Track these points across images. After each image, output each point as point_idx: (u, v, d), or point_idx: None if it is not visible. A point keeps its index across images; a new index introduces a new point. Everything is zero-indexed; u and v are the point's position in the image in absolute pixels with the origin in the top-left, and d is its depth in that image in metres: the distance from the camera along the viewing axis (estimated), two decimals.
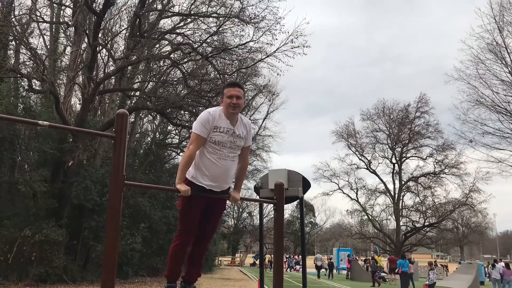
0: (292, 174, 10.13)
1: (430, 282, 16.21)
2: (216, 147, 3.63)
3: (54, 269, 16.77)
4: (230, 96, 3.66)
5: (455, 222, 51.39)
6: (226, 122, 3.68)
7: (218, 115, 3.68)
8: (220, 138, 3.63)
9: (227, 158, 3.66)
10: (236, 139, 3.72)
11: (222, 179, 3.69)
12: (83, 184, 18.19)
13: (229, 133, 3.67)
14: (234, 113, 3.71)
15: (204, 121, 3.63)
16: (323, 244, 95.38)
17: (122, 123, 3.13)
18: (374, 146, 49.89)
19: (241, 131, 3.78)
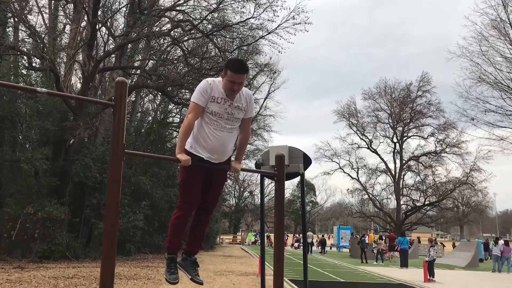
0: (293, 151, 10.11)
1: (430, 258, 16.31)
2: (213, 118, 3.59)
3: (57, 246, 16.92)
4: (233, 82, 3.56)
5: (455, 201, 51.62)
6: (223, 93, 3.62)
7: (216, 85, 3.61)
8: (217, 109, 3.58)
9: (224, 130, 3.64)
10: (234, 110, 3.66)
11: (220, 151, 3.67)
12: (84, 162, 18.21)
13: (226, 103, 3.61)
14: (233, 96, 3.65)
15: (203, 90, 3.57)
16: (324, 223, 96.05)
17: (121, 91, 3.10)
18: (376, 125, 49.91)
19: (241, 103, 3.70)
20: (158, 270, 15.60)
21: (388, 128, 49.76)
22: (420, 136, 49.11)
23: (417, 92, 48.17)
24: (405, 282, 15.30)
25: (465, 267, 23.48)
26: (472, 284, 15.54)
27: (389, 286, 14.18)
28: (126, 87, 3.13)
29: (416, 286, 14.34)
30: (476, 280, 17.08)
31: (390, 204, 55.14)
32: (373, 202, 51.04)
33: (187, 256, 3.98)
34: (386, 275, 17.62)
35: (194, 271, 3.92)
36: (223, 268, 17.74)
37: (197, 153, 3.63)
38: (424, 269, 16.29)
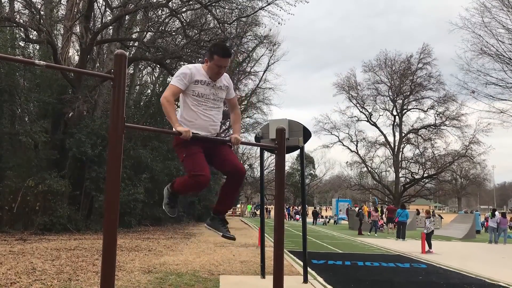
0: (293, 124, 10.08)
1: (427, 230, 16.50)
2: (201, 99, 3.74)
3: (58, 218, 17.08)
4: (220, 66, 3.75)
5: (453, 173, 51.89)
6: (206, 76, 3.78)
7: (197, 70, 3.78)
8: (202, 91, 3.74)
9: (212, 109, 3.81)
10: (218, 91, 3.84)
11: (211, 128, 3.82)
12: (82, 134, 18.19)
13: (210, 85, 3.78)
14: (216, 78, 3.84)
15: (182, 74, 3.73)
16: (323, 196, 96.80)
17: (120, 63, 3.06)
18: (375, 98, 49.75)
19: (222, 83, 3.89)
20: (159, 242, 15.79)
21: (388, 101, 49.66)
22: (420, 109, 49.07)
23: (418, 64, 47.88)
24: (403, 253, 15.51)
25: (462, 239, 23.79)
26: (469, 255, 15.77)
27: (387, 257, 14.37)
28: (125, 59, 3.09)
29: (414, 257, 14.54)
30: (472, 251, 17.32)
31: (388, 177, 55.51)
32: (371, 174, 51.30)
33: (216, 215, 4.00)
34: (384, 247, 17.85)
35: (225, 228, 3.95)
36: (223, 240, 17.92)
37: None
38: (422, 241, 16.50)
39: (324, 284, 9.03)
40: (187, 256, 12.04)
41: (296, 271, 10.45)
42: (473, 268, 12.04)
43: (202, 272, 9.60)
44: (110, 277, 2.86)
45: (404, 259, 14.02)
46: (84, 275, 8.56)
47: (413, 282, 9.56)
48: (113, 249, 2.91)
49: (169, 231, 21.29)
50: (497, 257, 15.63)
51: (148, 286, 7.89)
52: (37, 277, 8.06)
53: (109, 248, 2.88)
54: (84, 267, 9.41)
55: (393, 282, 9.56)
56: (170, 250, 13.31)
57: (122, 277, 8.61)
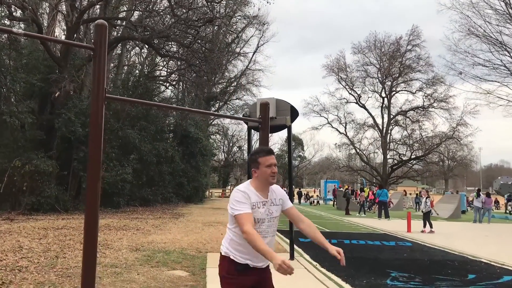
0: (280, 103, 10.09)
1: (426, 209, 16.73)
2: (255, 226, 3.11)
3: (46, 198, 17.02)
4: (270, 165, 3.19)
5: (441, 155, 52.39)
6: (259, 197, 3.19)
7: (251, 191, 3.18)
8: (259, 215, 3.14)
9: (268, 235, 3.19)
10: (273, 209, 3.26)
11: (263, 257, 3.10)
12: (67, 116, 18.03)
13: (265, 205, 3.20)
14: (274, 182, 3.26)
15: (241, 198, 3.11)
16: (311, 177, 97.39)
17: (101, 34, 3.02)
18: (364, 80, 49.81)
19: (274, 197, 3.29)
20: (147, 221, 15.83)
21: (376, 83, 49.76)
22: (409, 91, 49.27)
23: (407, 46, 47.89)
24: (389, 232, 15.73)
25: (448, 218, 24.17)
26: (454, 234, 16.04)
27: (373, 235, 14.58)
28: (106, 30, 3.05)
29: (399, 236, 14.76)
30: (457, 230, 17.62)
31: (377, 159, 55.92)
32: (360, 156, 51.64)
33: None
34: (370, 226, 18.08)
35: None
36: (212, 219, 18.04)
37: (240, 261, 3.15)
38: (408, 220, 16.73)
39: (310, 260, 9.16)
40: (175, 235, 12.10)
41: (283, 248, 10.58)
42: (457, 246, 12.28)
43: (190, 250, 9.68)
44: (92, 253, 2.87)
45: (389, 237, 14.23)
46: (71, 253, 8.59)
47: (398, 259, 9.73)
48: (95, 214, 2.93)
49: (157, 211, 21.33)
50: (481, 235, 15.93)
51: (135, 263, 7.94)
52: (23, 255, 8.07)
53: (91, 219, 2.89)
54: (72, 245, 9.43)
55: (378, 259, 9.72)
56: (158, 229, 13.36)
57: (109, 254, 8.65)
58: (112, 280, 6.66)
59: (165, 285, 6.50)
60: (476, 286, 7.17)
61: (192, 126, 31.31)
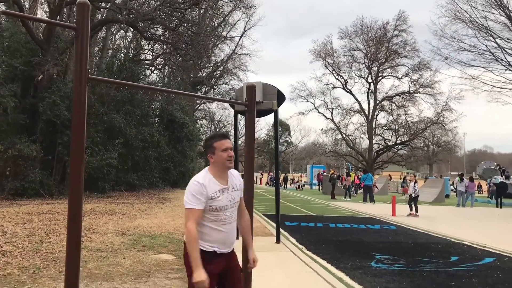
0: (267, 87, 10.05)
1: (415, 194, 16.92)
2: (219, 213, 3.09)
3: (30, 183, 16.84)
4: (225, 149, 3.12)
5: (426, 140, 52.87)
6: (218, 184, 3.13)
7: (208, 180, 3.11)
8: (220, 203, 3.09)
9: (231, 220, 3.17)
10: (234, 194, 3.20)
11: (231, 241, 3.19)
12: (52, 99, 17.77)
13: (225, 192, 3.14)
14: (231, 167, 3.19)
15: (197, 192, 3.03)
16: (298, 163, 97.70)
17: (83, 13, 2.95)
18: (351, 65, 49.83)
19: (234, 183, 3.25)
20: (133, 206, 15.78)
21: (363, 68, 49.82)
22: (395, 76, 49.46)
23: (394, 31, 47.94)
24: (373, 216, 15.91)
25: (432, 202, 24.51)
26: (438, 217, 16.29)
27: (358, 219, 14.73)
28: (88, 9, 2.98)
29: (384, 219, 14.94)
30: (440, 214, 17.89)
31: (362, 144, 56.30)
32: (346, 141, 51.91)
33: None
34: (355, 210, 18.26)
35: None
36: None
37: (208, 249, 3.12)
38: (393, 204, 16.93)
39: (296, 244, 9.23)
40: (161, 220, 12.09)
41: (270, 232, 10.64)
42: (440, 229, 12.47)
43: (176, 234, 9.69)
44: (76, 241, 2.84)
45: (374, 221, 14.40)
46: (56, 238, 8.53)
47: (382, 242, 9.85)
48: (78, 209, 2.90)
49: (144, 196, 21.26)
50: (464, 219, 16.20)
51: (121, 247, 7.92)
52: (7, 240, 8.00)
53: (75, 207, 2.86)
54: (57, 230, 9.36)
55: (363, 242, 9.83)
56: (144, 214, 13.33)
57: (95, 239, 8.62)
58: (98, 264, 6.64)
59: (151, 269, 6.50)
60: (458, 268, 7.30)
61: (178, 111, 31.10)
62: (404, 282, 6.21)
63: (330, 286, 5.90)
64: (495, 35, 24.64)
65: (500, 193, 23.36)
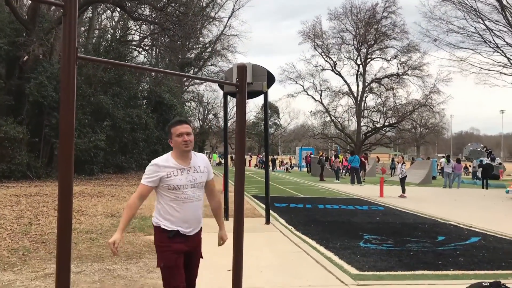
0: (257, 68, 10.00)
1: (402, 175, 17.10)
2: (177, 192, 3.27)
3: (17, 165, 16.69)
4: (180, 134, 3.30)
5: (413, 122, 53.22)
6: (176, 164, 3.31)
7: (165, 160, 3.32)
8: (177, 182, 3.27)
9: (194, 200, 3.33)
10: (196, 175, 3.37)
11: (194, 221, 3.34)
12: (38, 80, 17.51)
13: (184, 172, 3.32)
14: (188, 150, 3.35)
15: (151, 172, 3.27)
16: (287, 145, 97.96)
17: None
18: (340, 47, 49.67)
19: (198, 165, 3.41)
20: (122, 188, 15.73)
21: (352, 50, 49.71)
22: (383, 58, 49.47)
23: (383, 13, 47.77)
24: (361, 197, 16.06)
25: (419, 184, 24.79)
26: (425, 198, 16.49)
27: (346, 200, 14.86)
28: None
29: (372, 200, 15.09)
30: (428, 195, 18.11)
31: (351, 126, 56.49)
32: (334, 124, 52.06)
33: None
34: (344, 191, 18.41)
35: None
36: None
37: (171, 228, 3.28)
38: (381, 185, 17.09)
39: (285, 224, 9.30)
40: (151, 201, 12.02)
41: (259, 213, 10.70)
42: (428, 209, 12.63)
43: None
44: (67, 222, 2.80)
45: (362, 202, 14.54)
46: (45, 220, 8.49)
47: (370, 223, 9.96)
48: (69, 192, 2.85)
49: (132, 178, 21.19)
50: (450, 199, 16.42)
51: (111, 229, 7.92)
52: None
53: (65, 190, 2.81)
54: (45, 212, 9.32)
55: (351, 222, 9.93)
56: None
57: (84, 220, 8.60)
58: (88, 246, 6.64)
59: (142, 250, 6.52)
60: (445, 247, 7.42)
61: (166, 92, 30.85)
62: (392, 261, 6.30)
63: (319, 266, 5.97)
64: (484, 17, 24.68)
65: (486, 174, 23.69)
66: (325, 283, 5.20)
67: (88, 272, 5.27)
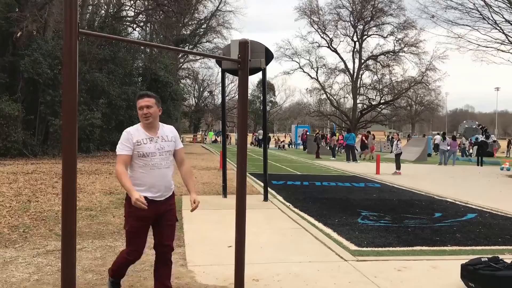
0: (255, 45, 9.88)
1: (398, 151, 17.19)
2: (146, 159, 3.53)
3: (12, 143, 16.61)
4: (140, 107, 3.56)
5: (409, 99, 53.23)
6: (145, 134, 3.59)
7: (136, 130, 3.61)
8: (147, 149, 3.53)
9: (161, 167, 3.57)
10: (164, 144, 3.63)
11: (162, 187, 3.58)
12: (33, 57, 17.29)
13: (153, 141, 3.59)
14: (148, 123, 3.58)
15: (124, 140, 3.55)
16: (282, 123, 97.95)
17: None
18: (337, 23, 49.24)
19: (166, 135, 3.68)
20: None
21: (349, 27, 49.30)
22: (380, 35, 49.12)
23: None
24: (358, 174, 16.15)
25: (415, 161, 24.92)
26: (421, 175, 16.60)
27: (343, 177, 14.94)
28: None
29: (368, 177, 15.18)
30: (424, 172, 18.23)
31: (346, 103, 56.48)
32: (330, 101, 51.99)
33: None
34: (340, 169, 18.50)
35: None
36: None
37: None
38: (377, 163, 17.17)
39: (283, 201, 9.36)
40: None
41: (257, 191, 10.74)
42: (424, 186, 12.73)
43: None
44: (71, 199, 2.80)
45: (359, 179, 14.63)
46: (43, 197, 8.50)
47: (367, 200, 10.04)
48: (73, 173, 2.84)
49: None
50: (446, 177, 16.54)
51: (110, 206, 7.94)
52: None
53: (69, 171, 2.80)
54: (44, 190, 9.31)
55: (348, 199, 10.01)
56: None
57: (83, 198, 8.61)
58: (88, 223, 6.67)
59: None
60: (442, 224, 7.50)
61: (162, 69, 30.55)
62: (390, 237, 6.37)
63: (319, 242, 6.03)
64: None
65: (481, 151, 23.83)
66: (325, 259, 5.26)
67: (90, 249, 5.30)
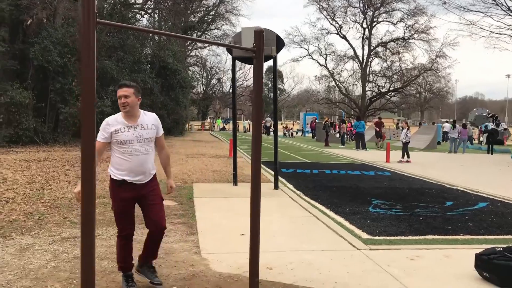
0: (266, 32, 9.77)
1: (406, 140, 17.14)
2: (124, 146, 3.72)
3: (24, 130, 16.74)
4: (119, 97, 3.73)
5: (418, 87, 52.80)
6: (124, 122, 3.75)
7: (115, 119, 3.78)
8: (124, 137, 3.72)
9: (139, 153, 3.77)
10: (143, 132, 3.79)
11: (140, 172, 3.78)
12: (43, 44, 17.33)
13: (132, 129, 3.75)
14: (126, 111, 3.73)
15: (101, 128, 3.74)
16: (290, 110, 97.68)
17: None
18: (346, 9, 48.79)
19: (146, 123, 3.83)
20: None
21: (358, 13, 48.85)
22: (390, 22, 48.63)
23: None
24: (368, 162, 16.12)
25: (424, 149, 24.81)
26: (431, 163, 16.53)
27: (353, 165, 14.92)
28: None
29: (378, 166, 15.15)
30: (434, 160, 18.15)
31: (355, 91, 56.17)
32: (339, 88, 51.73)
33: (143, 263, 4.03)
34: (350, 157, 18.46)
35: (152, 274, 3.99)
36: (194, 151, 18.12)
37: (119, 178, 3.74)
38: (387, 151, 17.12)
39: (294, 190, 9.38)
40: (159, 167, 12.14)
41: (267, 179, 10.77)
42: (434, 175, 12.69)
43: (175, 181, 9.75)
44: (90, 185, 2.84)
45: (369, 167, 14.60)
46: (56, 185, 8.58)
47: (378, 188, 10.03)
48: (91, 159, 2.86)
49: None
50: (456, 165, 16.46)
51: None
52: (8, 187, 8.03)
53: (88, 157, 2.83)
54: (56, 177, 9.40)
55: (359, 187, 10.01)
56: None
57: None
58: (101, 210, 6.74)
59: None
60: (454, 212, 7.49)
61: (170, 57, 30.53)
62: (402, 226, 6.38)
63: (331, 230, 6.05)
64: None
65: (491, 139, 23.65)
66: (337, 247, 5.28)
67: (104, 237, 5.37)
